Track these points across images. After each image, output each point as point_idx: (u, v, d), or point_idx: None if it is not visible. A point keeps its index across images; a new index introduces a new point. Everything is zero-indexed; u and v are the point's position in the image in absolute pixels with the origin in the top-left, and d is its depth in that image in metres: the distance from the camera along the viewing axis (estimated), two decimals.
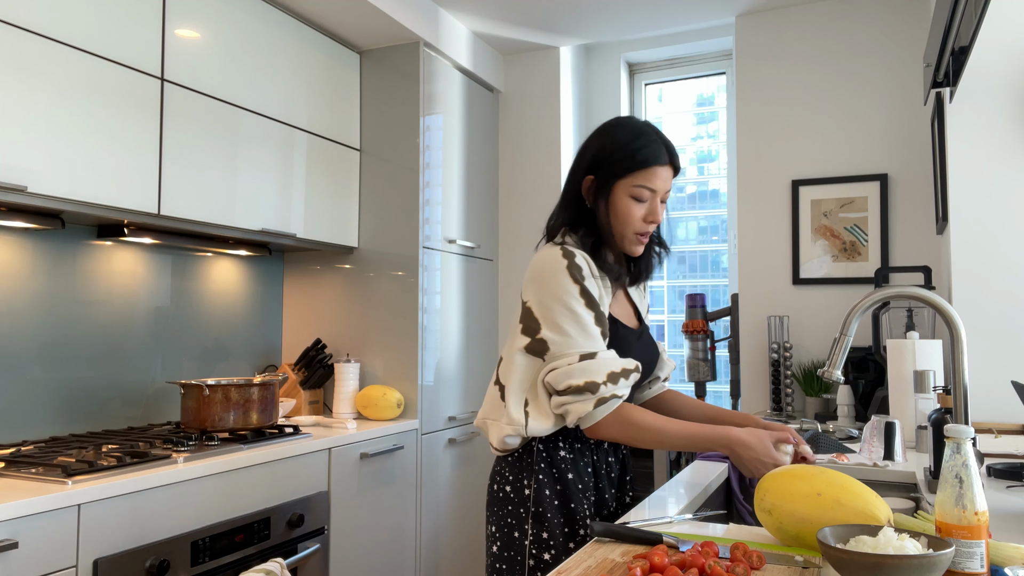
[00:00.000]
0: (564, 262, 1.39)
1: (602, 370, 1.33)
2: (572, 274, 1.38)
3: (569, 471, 1.42)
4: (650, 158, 1.42)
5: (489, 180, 3.46)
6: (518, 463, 1.45)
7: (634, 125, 1.45)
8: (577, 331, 1.36)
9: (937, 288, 2.78)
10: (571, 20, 3.19)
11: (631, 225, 1.44)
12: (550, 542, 1.38)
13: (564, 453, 1.43)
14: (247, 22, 2.45)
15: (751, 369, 3.11)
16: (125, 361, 2.40)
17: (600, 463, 1.47)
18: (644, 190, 1.42)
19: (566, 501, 1.40)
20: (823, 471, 1.10)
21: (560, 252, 1.41)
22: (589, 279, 1.40)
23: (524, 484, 1.43)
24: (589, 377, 1.33)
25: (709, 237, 3.67)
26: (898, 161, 2.93)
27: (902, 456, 1.85)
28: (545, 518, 1.39)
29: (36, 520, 1.52)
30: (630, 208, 1.43)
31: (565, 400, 1.34)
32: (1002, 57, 2.25)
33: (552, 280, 1.38)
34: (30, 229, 2.13)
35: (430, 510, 2.90)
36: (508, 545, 1.42)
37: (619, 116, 1.49)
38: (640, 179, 1.42)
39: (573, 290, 1.37)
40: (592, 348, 1.36)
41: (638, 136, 1.43)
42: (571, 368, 1.33)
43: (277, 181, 2.56)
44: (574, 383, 1.33)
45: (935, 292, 2.20)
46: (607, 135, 1.45)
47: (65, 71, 1.88)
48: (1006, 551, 0.94)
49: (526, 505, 1.42)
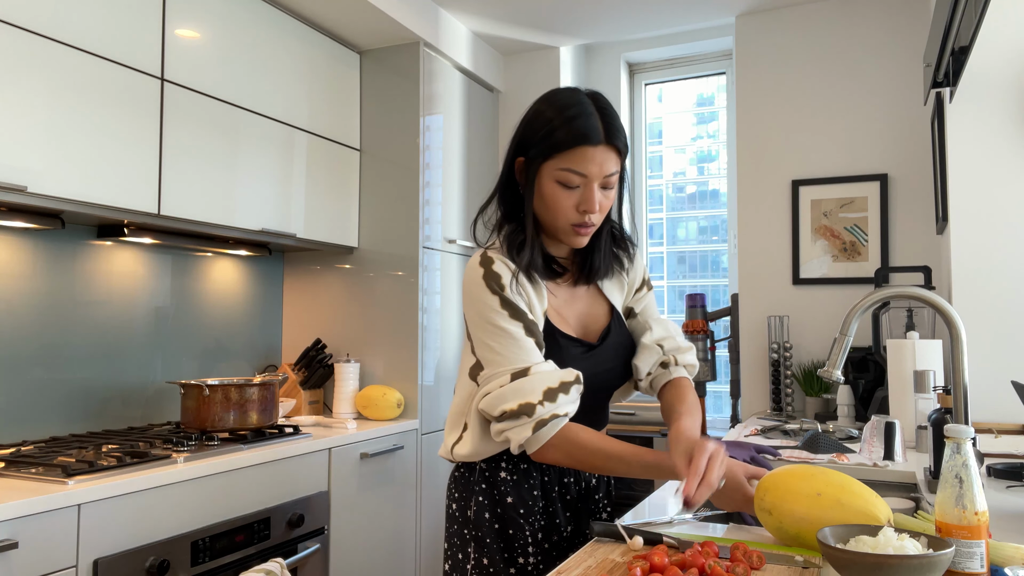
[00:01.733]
0: (480, 271, 1.25)
1: (536, 388, 1.18)
2: (489, 285, 1.24)
3: (509, 494, 1.29)
4: (576, 136, 1.19)
5: (489, 180, 3.46)
6: (462, 481, 1.35)
7: (564, 96, 1.24)
8: (504, 347, 1.21)
9: (937, 288, 2.78)
10: (571, 20, 3.19)
11: (561, 215, 1.23)
12: (490, 568, 1.28)
13: (504, 475, 1.30)
14: (247, 22, 2.45)
15: (751, 369, 3.11)
16: (125, 361, 2.40)
17: (551, 484, 1.32)
18: (572, 174, 1.20)
19: (505, 526, 1.28)
20: (823, 471, 1.10)
21: (479, 259, 1.27)
22: (511, 287, 1.24)
23: (466, 505, 1.32)
24: (523, 399, 1.17)
25: (709, 237, 3.66)
26: (898, 161, 2.93)
27: (902, 456, 1.85)
28: (484, 543, 1.28)
29: (36, 520, 1.52)
30: (557, 195, 1.22)
31: (502, 427, 1.20)
32: (1002, 57, 2.25)
33: (472, 293, 1.26)
34: (30, 229, 2.13)
35: (430, 510, 2.90)
36: (454, 566, 1.34)
37: (553, 89, 1.27)
38: (566, 161, 1.20)
39: (492, 302, 1.23)
40: (523, 363, 1.21)
41: (565, 109, 1.21)
42: (503, 391, 1.19)
43: (277, 181, 2.56)
44: (508, 407, 1.18)
45: (935, 292, 2.20)
46: (536, 107, 1.26)
47: (65, 71, 1.88)
48: (1006, 551, 0.94)
49: (468, 527, 1.32)
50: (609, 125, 1.21)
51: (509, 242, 1.28)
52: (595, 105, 1.23)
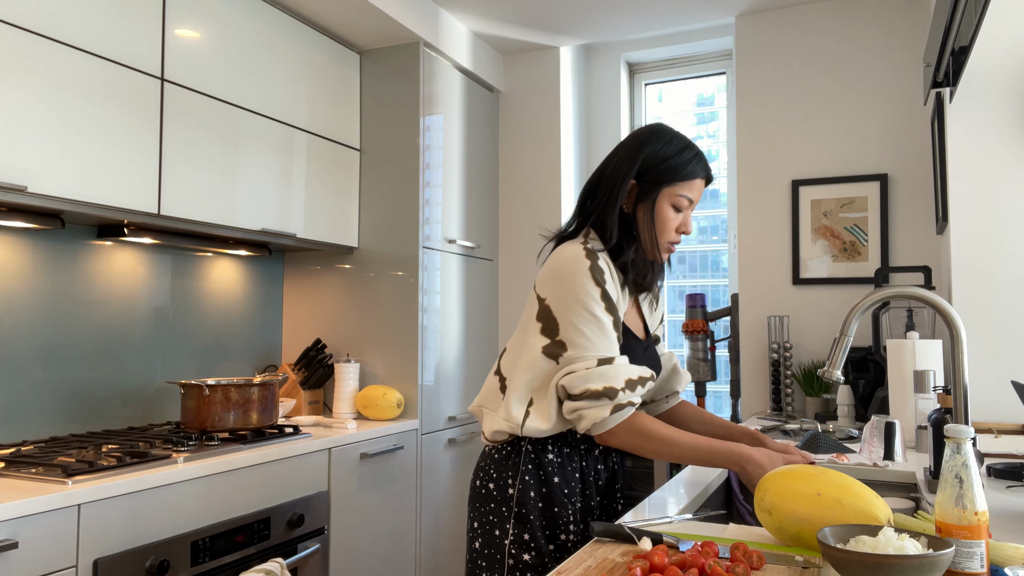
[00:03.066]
0: (587, 263, 1.37)
1: (620, 376, 1.31)
2: (594, 276, 1.36)
3: (556, 475, 1.40)
4: (698, 169, 1.44)
5: (489, 180, 3.46)
6: (504, 461, 1.43)
7: (681, 136, 1.47)
8: (596, 335, 1.34)
9: (937, 288, 2.78)
10: (571, 20, 3.19)
11: (667, 234, 1.44)
12: (531, 544, 1.37)
13: (552, 456, 1.40)
14: (247, 22, 2.45)
15: (751, 369, 3.11)
16: (125, 361, 2.40)
17: (589, 469, 1.44)
18: (684, 199, 1.43)
19: (550, 504, 1.39)
20: (823, 471, 1.10)
21: (583, 252, 1.38)
22: (610, 283, 1.38)
23: (509, 483, 1.41)
24: (608, 383, 1.30)
25: (709, 237, 3.67)
26: (898, 161, 2.93)
27: (902, 456, 1.85)
28: (528, 519, 1.38)
29: (36, 520, 1.52)
30: (669, 216, 1.43)
31: (580, 405, 1.31)
32: (1002, 57, 2.25)
33: (572, 280, 1.36)
34: (30, 229, 2.13)
35: (430, 510, 2.90)
36: (489, 543, 1.41)
37: (660, 124, 1.51)
38: (684, 189, 1.43)
39: (595, 292, 1.35)
40: (610, 353, 1.34)
41: (687, 147, 1.45)
42: (589, 372, 1.31)
43: (277, 181, 2.56)
44: (592, 387, 1.30)
45: (935, 292, 2.20)
46: (657, 142, 1.45)
47: (65, 71, 1.88)
48: (1006, 551, 0.94)
49: (509, 504, 1.40)
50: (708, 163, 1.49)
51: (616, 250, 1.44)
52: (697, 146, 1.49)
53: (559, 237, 1.50)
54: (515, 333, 1.48)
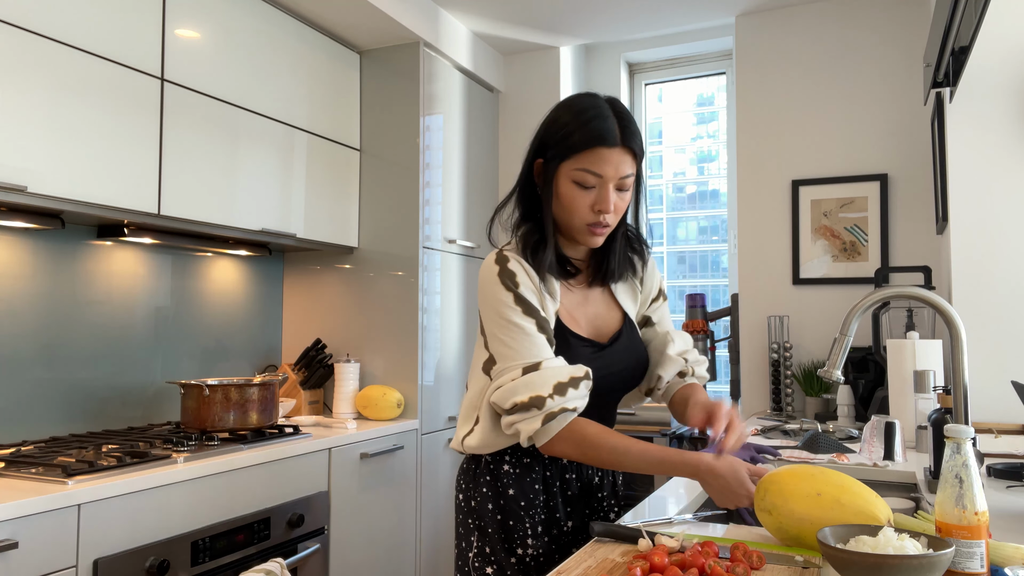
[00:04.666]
0: (495, 268, 1.30)
1: (547, 382, 1.22)
2: (503, 282, 1.28)
3: (511, 487, 1.33)
4: (593, 137, 1.24)
5: (489, 180, 3.46)
6: (469, 472, 1.40)
7: (582, 100, 1.29)
8: (517, 342, 1.26)
9: (937, 288, 2.78)
10: (571, 20, 3.19)
11: (577, 215, 1.28)
12: (491, 557, 1.33)
13: (507, 467, 1.35)
14: (247, 22, 2.45)
15: (751, 369, 3.11)
16: (125, 361, 2.40)
17: (553, 479, 1.36)
18: (588, 175, 1.25)
19: (506, 517, 1.33)
20: (823, 471, 1.10)
21: (494, 257, 1.32)
22: (525, 285, 1.28)
23: (471, 495, 1.38)
24: (533, 391, 1.21)
25: (709, 237, 3.66)
26: (898, 161, 2.93)
27: (902, 456, 1.85)
28: (486, 532, 1.34)
29: (36, 520, 1.52)
30: (574, 195, 1.27)
31: (513, 419, 1.24)
32: (1002, 57, 2.25)
33: (488, 289, 1.30)
34: (30, 229, 2.13)
35: (430, 510, 2.90)
36: (460, 554, 1.40)
37: (581, 92, 1.33)
38: (582, 162, 1.25)
39: (507, 298, 1.27)
40: (535, 358, 1.25)
41: (583, 112, 1.26)
42: (515, 384, 1.23)
43: (277, 181, 2.56)
44: (519, 400, 1.22)
45: (935, 292, 2.20)
46: (555, 112, 1.31)
47: (65, 71, 1.88)
48: (1006, 551, 0.94)
49: (472, 516, 1.37)
50: (625, 128, 1.26)
51: (524, 241, 1.33)
52: (612, 109, 1.27)
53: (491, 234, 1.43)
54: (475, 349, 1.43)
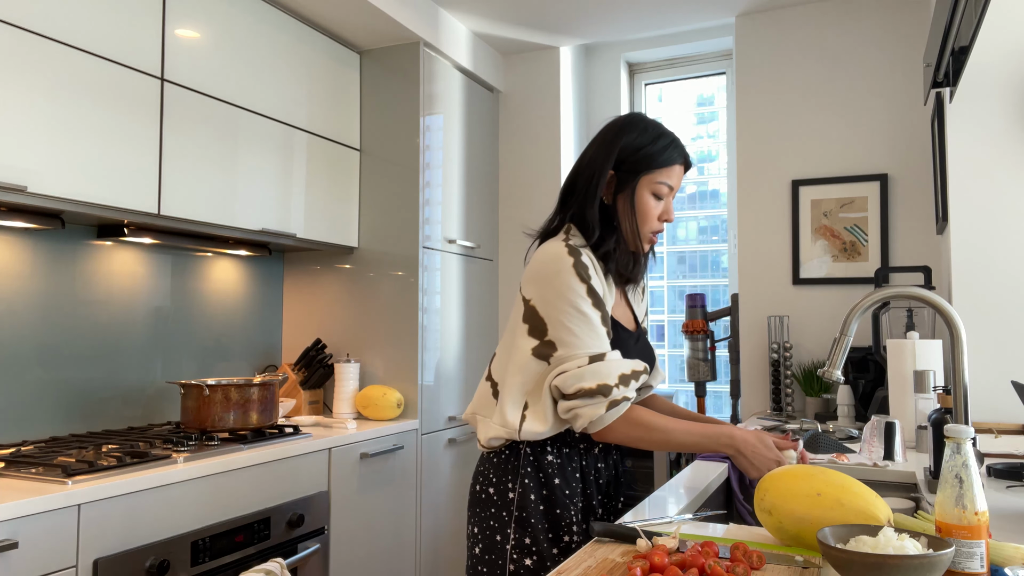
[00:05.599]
0: (570, 260, 1.35)
1: (613, 372, 1.30)
2: (579, 273, 1.34)
3: (556, 476, 1.39)
4: (675, 156, 1.44)
5: (489, 180, 3.46)
6: (503, 465, 1.41)
7: (656, 123, 1.47)
8: (585, 332, 1.32)
9: (937, 288, 2.78)
10: (571, 20, 3.19)
11: (648, 223, 1.44)
12: (532, 547, 1.36)
13: (551, 458, 1.39)
14: (247, 22, 2.45)
15: (751, 369, 3.11)
16: (125, 361, 2.40)
17: (589, 469, 1.44)
18: (664, 187, 1.43)
19: (552, 507, 1.37)
20: (823, 471, 1.10)
21: (565, 249, 1.37)
22: (595, 278, 1.36)
23: (508, 487, 1.39)
24: (600, 380, 1.29)
25: (709, 237, 3.66)
26: (898, 161, 2.93)
27: (902, 456, 1.85)
28: (528, 523, 1.36)
29: (36, 520, 1.52)
30: (650, 205, 1.43)
31: (575, 404, 1.30)
32: (1002, 57, 2.25)
33: (557, 278, 1.34)
34: (30, 229, 2.13)
35: (430, 510, 2.90)
36: (489, 548, 1.39)
37: (634, 113, 1.50)
38: (663, 176, 1.43)
39: (580, 289, 1.34)
40: (600, 349, 1.33)
41: (662, 134, 1.45)
42: (581, 371, 1.30)
43: (277, 181, 2.56)
44: (585, 386, 1.29)
45: (935, 292, 2.20)
46: (632, 131, 1.45)
47: (65, 71, 1.88)
48: (1006, 551, 0.94)
49: (509, 508, 1.38)
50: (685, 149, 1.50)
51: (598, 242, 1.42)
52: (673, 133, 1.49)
53: (542, 235, 1.49)
54: (503, 337, 1.47)
